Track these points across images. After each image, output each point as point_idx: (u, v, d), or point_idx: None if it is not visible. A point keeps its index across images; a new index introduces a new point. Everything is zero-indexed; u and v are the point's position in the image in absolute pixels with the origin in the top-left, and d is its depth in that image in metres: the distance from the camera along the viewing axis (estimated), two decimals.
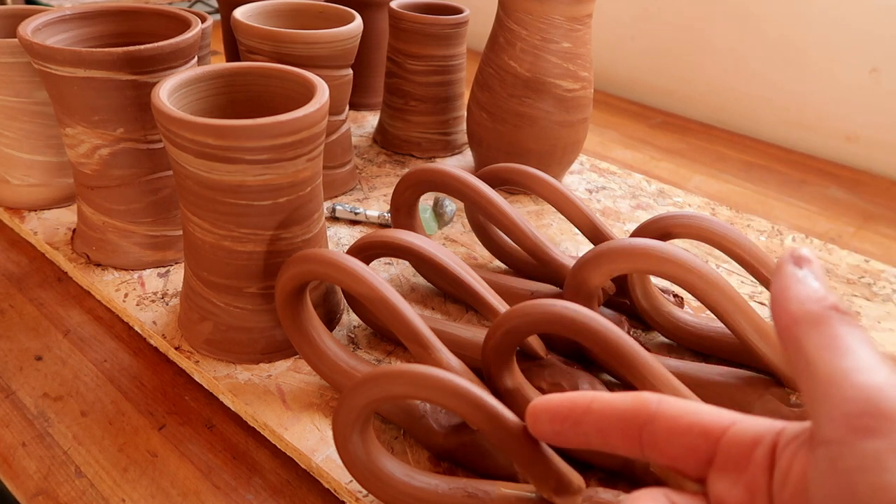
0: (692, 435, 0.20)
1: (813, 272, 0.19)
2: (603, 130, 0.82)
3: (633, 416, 0.21)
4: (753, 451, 0.19)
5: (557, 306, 0.31)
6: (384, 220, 0.55)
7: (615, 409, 0.21)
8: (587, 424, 0.22)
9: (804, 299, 0.18)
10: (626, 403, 0.21)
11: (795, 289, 0.19)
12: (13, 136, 0.50)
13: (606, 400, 0.21)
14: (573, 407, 0.22)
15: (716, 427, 0.20)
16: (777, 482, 0.18)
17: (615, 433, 0.21)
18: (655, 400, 0.21)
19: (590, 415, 0.21)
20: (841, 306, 0.18)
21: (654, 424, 0.20)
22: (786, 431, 0.19)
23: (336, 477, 0.33)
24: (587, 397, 0.22)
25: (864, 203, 0.69)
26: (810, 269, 0.19)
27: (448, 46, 0.63)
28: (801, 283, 0.19)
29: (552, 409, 0.22)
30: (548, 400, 0.23)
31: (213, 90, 0.39)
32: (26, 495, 0.33)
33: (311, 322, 0.38)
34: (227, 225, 0.36)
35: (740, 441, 0.19)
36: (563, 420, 0.22)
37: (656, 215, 0.41)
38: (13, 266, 0.50)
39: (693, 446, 0.20)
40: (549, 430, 0.23)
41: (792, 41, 0.80)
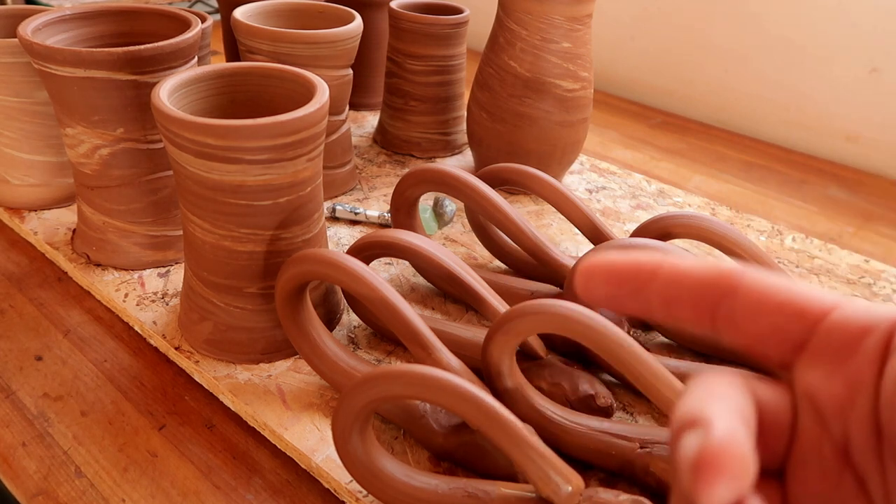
0: (783, 314, 0.17)
1: None
2: (603, 130, 0.82)
3: (711, 285, 0.18)
4: (862, 340, 0.16)
5: (557, 306, 0.31)
6: (384, 220, 0.55)
7: (690, 275, 0.18)
8: (652, 291, 0.18)
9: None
10: (704, 270, 0.18)
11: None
12: (13, 136, 0.50)
13: (678, 265, 0.18)
14: (637, 269, 0.19)
15: (815, 308, 0.17)
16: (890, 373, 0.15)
17: (685, 303, 0.18)
18: (740, 270, 0.18)
19: (656, 280, 0.18)
20: None
21: (735, 297, 0.17)
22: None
23: (336, 477, 0.33)
24: (654, 259, 0.19)
25: (864, 203, 0.69)
26: None
27: (448, 46, 0.63)
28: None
29: (611, 268, 0.19)
30: (606, 259, 0.19)
31: (213, 90, 0.39)
32: (26, 495, 0.33)
33: (311, 322, 0.38)
34: (227, 225, 0.36)
35: (846, 327, 0.16)
36: (623, 282, 0.19)
37: (656, 215, 0.41)
38: (13, 266, 0.50)
39: (782, 326, 0.17)
40: (603, 292, 0.19)
41: (792, 41, 0.80)
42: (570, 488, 0.28)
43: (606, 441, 0.33)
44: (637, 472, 0.33)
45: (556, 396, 0.36)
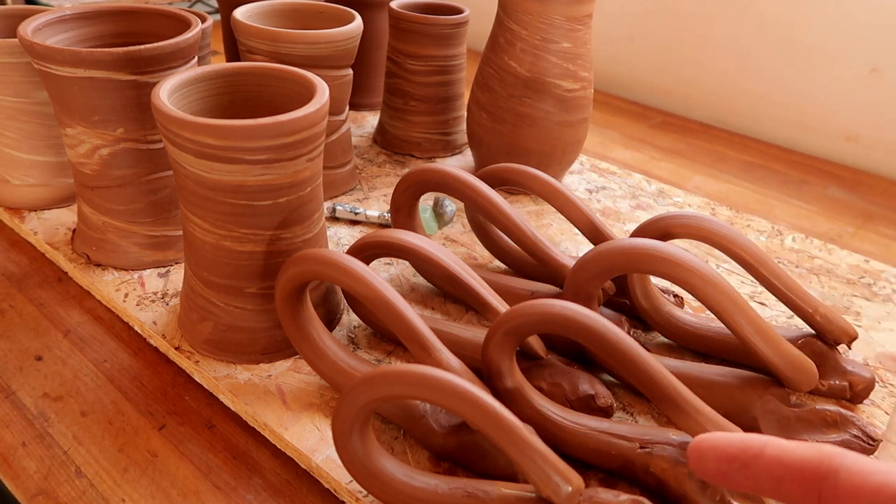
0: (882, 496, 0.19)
1: None
2: (603, 130, 0.82)
3: (813, 466, 0.20)
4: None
5: (557, 306, 0.31)
6: (384, 220, 0.55)
7: (793, 456, 0.20)
8: (759, 469, 0.21)
9: None
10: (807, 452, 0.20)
11: None
12: (13, 136, 0.50)
13: (782, 446, 0.21)
14: (744, 448, 0.21)
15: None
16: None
17: (791, 482, 0.20)
18: (840, 452, 0.20)
19: (762, 459, 0.21)
20: None
21: (837, 479, 0.19)
22: None
23: (336, 477, 0.33)
24: (760, 440, 0.21)
25: (864, 203, 0.69)
26: None
27: (448, 46, 0.63)
28: None
29: (720, 448, 0.22)
30: (715, 438, 0.22)
31: (213, 90, 0.39)
32: (26, 495, 0.34)
33: (311, 322, 0.38)
34: (227, 225, 0.36)
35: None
36: (732, 461, 0.21)
37: (656, 215, 0.41)
38: (13, 266, 0.50)
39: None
40: (714, 469, 0.22)
41: (792, 41, 0.80)
42: (570, 488, 0.28)
43: (606, 441, 0.33)
44: (637, 472, 0.33)
45: (556, 396, 0.36)
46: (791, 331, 0.41)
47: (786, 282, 0.39)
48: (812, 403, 0.36)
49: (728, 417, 0.35)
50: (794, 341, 0.40)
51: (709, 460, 0.22)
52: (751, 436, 0.22)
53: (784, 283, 0.39)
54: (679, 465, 0.31)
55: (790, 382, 0.36)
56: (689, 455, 0.22)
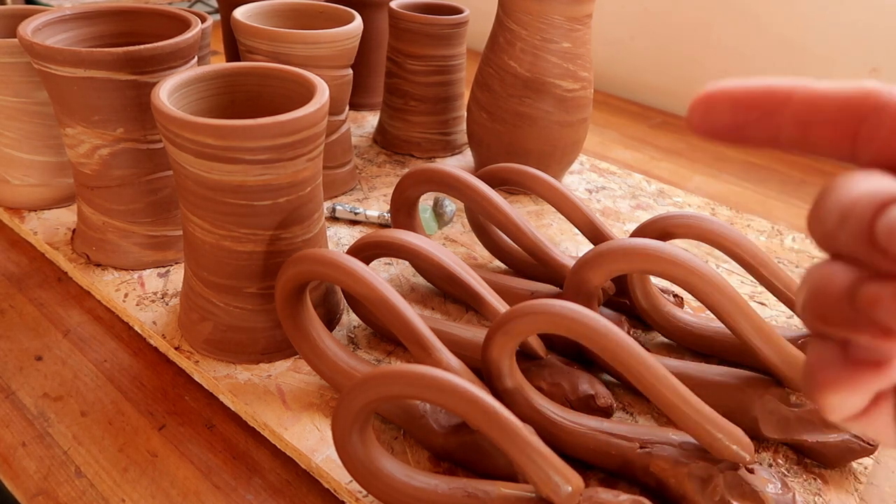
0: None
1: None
2: (603, 130, 0.82)
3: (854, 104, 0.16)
4: None
5: (557, 306, 0.31)
6: (384, 220, 0.55)
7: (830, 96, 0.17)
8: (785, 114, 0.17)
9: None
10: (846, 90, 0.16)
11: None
12: (13, 136, 0.50)
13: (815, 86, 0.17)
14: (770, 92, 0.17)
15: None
16: None
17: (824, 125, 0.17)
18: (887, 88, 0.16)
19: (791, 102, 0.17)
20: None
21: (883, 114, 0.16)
22: None
23: (336, 477, 0.33)
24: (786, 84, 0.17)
25: None
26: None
27: (448, 46, 0.63)
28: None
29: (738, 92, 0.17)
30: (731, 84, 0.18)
31: (213, 90, 0.39)
32: (26, 495, 0.33)
33: (311, 322, 0.38)
34: (227, 225, 0.36)
35: None
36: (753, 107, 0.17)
37: (656, 215, 0.41)
38: (13, 266, 0.50)
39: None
40: (728, 120, 0.18)
41: (792, 41, 0.80)
42: (570, 488, 0.28)
43: (606, 441, 0.33)
44: (637, 472, 0.33)
45: (556, 396, 0.36)
46: (791, 331, 0.41)
47: (786, 282, 0.39)
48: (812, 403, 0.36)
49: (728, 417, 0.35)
50: (794, 341, 0.40)
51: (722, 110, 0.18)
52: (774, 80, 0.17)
53: (784, 283, 0.39)
54: (679, 465, 0.31)
55: (790, 382, 0.36)
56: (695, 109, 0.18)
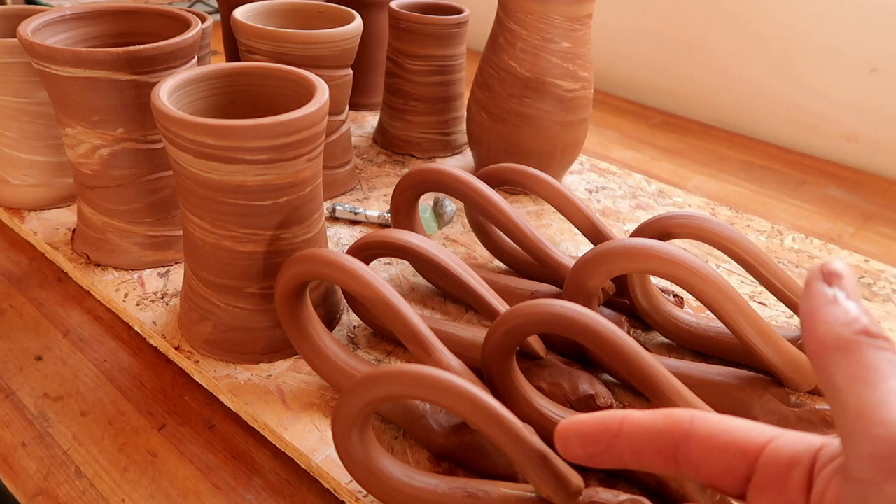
0: (729, 454, 0.19)
1: (844, 289, 0.18)
2: (603, 130, 0.82)
3: (666, 435, 0.20)
4: (791, 472, 0.19)
5: (557, 306, 0.31)
6: (384, 220, 0.55)
7: (648, 428, 0.20)
8: (620, 446, 0.21)
9: (833, 322, 0.17)
10: (659, 423, 0.20)
11: (824, 310, 0.18)
12: (13, 136, 0.50)
13: (638, 419, 0.21)
14: (604, 429, 0.21)
15: (753, 445, 0.19)
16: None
17: (650, 454, 0.20)
18: (688, 418, 0.20)
19: (622, 436, 0.21)
20: (873, 329, 0.17)
21: (689, 444, 0.20)
22: (823, 452, 0.19)
23: (336, 477, 0.33)
24: (617, 417, 0.21)
25: (864, 203, 0.69)
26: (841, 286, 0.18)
27: (448, 46, 0.63)
28: (830, 304, 0.18)
29: (582, 432, 0.21)
30: (577, 422, 0.22)
31: (213, 90, 0.39)
32: (26, 495, 0.34)
33: (311, 322, 0.38)
34: (227, 225, 0.36)
35: (777, 461, 0.19)
36: (595, 443, 0.21)
37: (656, 215, 0.41)
38: (13, 266, 0.50)
39: (731, 465, 0.19)
40: (580, 453, 0.22)
41: (792, 41, 0.80)
42: (570, 488, 0.28)
43: None
44: (637, 473, 0.33)
45: (556, 396, 0.36)
46: (791, 331, 0.41)
47: (786, 282, 0.39)
48: (812, 403, 0.36)
49: None
50: (794, 341, 0.40)
51: (574, 446, 0.22)
52: (608, 414, 0.21)
53: (784, 283, 0.39)
54: None
55: (790, 382, 0.36)
56: (556, 443, 0.22)
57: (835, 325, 0.17)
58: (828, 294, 0.18)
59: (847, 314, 0.17)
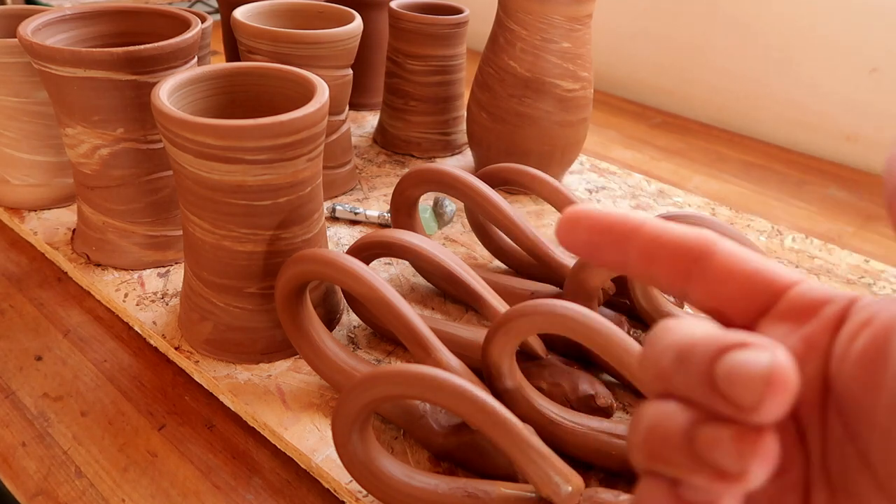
0: (754, 281, 0.18)
1: None
2: (603, 130, 0.82)
3: (690, 246, 0.18)
4: (821, 308, 0.17)
5: (557, 306, 0.31)
6: (384, 220, 0.55)
7: (671, 234, 0.19)
8: (632, 244, 0.19)
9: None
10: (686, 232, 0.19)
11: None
12: (13, 136, 0.50)
13: (662, 224, 0.19)
14: (623, 221, 0.19)
15: (782, 280, 0.18)
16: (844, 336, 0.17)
17: (664, 261, 0.19)
18: (719, 238, 0.19)
19: (639, 235, 0.19)
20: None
21: (711, 260, 0.18)
22: (863, 299, 0.17)
23: (336, 477, 0.33)
24: (640, 217, 0.19)
25: (864, 203, 0.69)
26: None
27: (448, 46, 0.63)
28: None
29: (596, 217, 0.19)
30: (592, 209, 0.20)
31: (213, 90, 0.39)
32: (26, 495, 0.33)
33: (311, 322, 0.38)
34: (227, 225, 0.36)
35: (808, 297, 0.18)
36: (606, 231, 0.19)
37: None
38: (13, 266, 0.50)
39: (751, 293, 0.18)
40: (585, 239, 0.20)
41: (792, 41, 0.80)
42: (570, 488, 0.28)
43: (606, 441, 0.33)
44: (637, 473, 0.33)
45: (556, 396, 0.36)
46: None
47: None
48: None
49: None
50: None
51: (580, 230, 0.20)
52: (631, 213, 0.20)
53: None
54: None
55: None
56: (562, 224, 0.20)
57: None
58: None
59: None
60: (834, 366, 0.17)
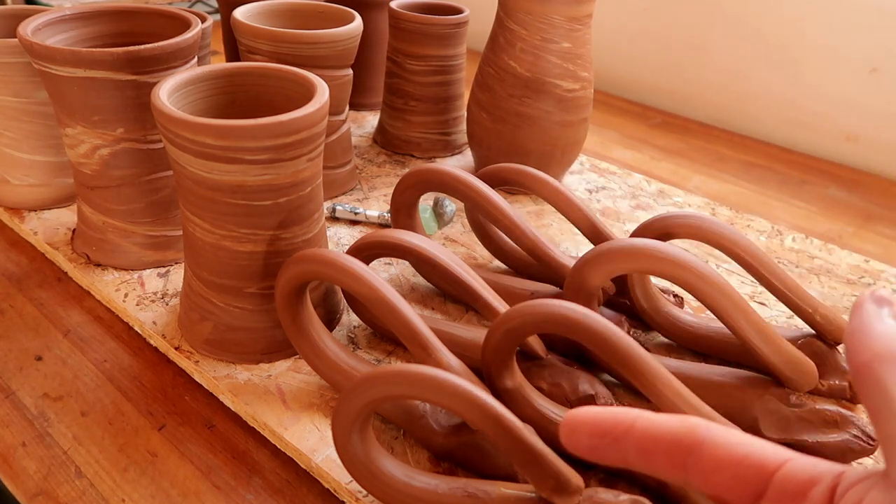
0: (744, 466, 0.19)
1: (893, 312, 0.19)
2: (603, 130, 0.82)
3: (680, 439, 0.20)
4: (810, 489, 0.19)
5: (557, 306, 0.31)
6: (384, 220, 0.55)
7: (661, 430, 0.20)
8: (629, 443, 0.21)
9: (888, 337, 0.18)
10: (674, 426, 0.20)
11: (879, 327, 0.19)
12: (13, 136, 0.50)
13: (652, 420, 0.21)
14: (616, 423, 0.21)
15: (771, 462, 0.19)
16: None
17: (659, 456, 0.20)
18: (705, 425, 0.20)
19: (633, 433, 0.21)
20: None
21: (702, 451, 0.20)
22: (847, 474, 0.19)
23: (336, 477, 0.33)
24: (631, 414, 0.21)
25: (864, 203, 0.69)
26: (891, 309, 0.19)
27: (448, 46, 0.63)
28: (883, 322, 0.19)
29: (592, 422, 0.21)
30: (588, 412, 0.21)
31: (213, 90, 0.39)
32: (26, 495, 0.34)
33: (311, 322, 0.38)
34: (227, 225, 0.36)
35: (797, 478, 0.19)
36: (604, 435, 0.21)
37: (656, 215, 0.41)
38: (13, 266, 0.50)
39: (743, 478, 0.19)
40: (586, 444, 0.21)
41: (792, 41, 0.80)
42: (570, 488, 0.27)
43: None
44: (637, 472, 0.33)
45: (556, 396, 0.36)
46: (791, 331, 0.41)
47: (785, 282, 0.39)
48: (812, 403, 0.36)
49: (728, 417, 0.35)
50: (794, 341, 0.40)
51: (581, 435, 0.21)
52: (622, 410, 0.21)
53: (784, 283, 0.39)
54: None
55: (790, 382, 0.36)
56: (562, 430, 0.22)
57: (890, 339, 0.18)
58: (881, 313, 0.19)
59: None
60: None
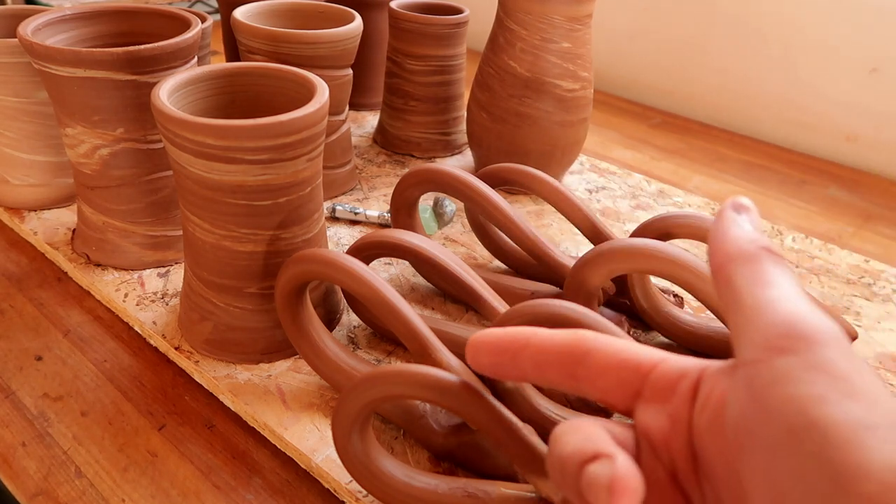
0: (624, 369, 0.21)
1: (751, 219, 0.21)
2: (603, 130, 0.82)
3: (569, 351, 0.21)
4: (678, 384, 0.20)
5: (557, 306, 0.31)
6: (384, 220, 0.55)
7: (553, 344, 0.22)
8: (525, 358, 0.22)
9: (740, 239, 0.20)
10: (564, 339, 0.22)
11: (733, 231, 0.20)
12: (13, 136, 0.50)
13: (545, 335, 0.22)
14: (513, 341, 0.23)
15: (646, 363, 0.21)
16: (697, 408, 0.19)
17: (552, 367, 0.22)
18: (592, 336, 0.22)
19: (528, 349, 0.22)
20: (773, 248, 0.20)
21: (588, 359, 0.21)
22: (710, 366, 0.20)
23: (336, 477, 0.33)
24: (527, 332, 0.23)
25: (864, 203, 0.69)
26: (748, 215, 0.21)
27: (448, 46, 0.63)
28: (738, 226, 0.20)
29: (492, 342, 0.23)
30: (488, 333, 0.23)
31: (213, 90, 0.39)
32: (26, 495, 0.34)
33: (311, 322, 0.38)
34: (227, 225, 0.36)
35: (667, 375, 0.21)
36: (502, 353, 0.23)
37: (656, 215, 0.41)
38: (13, 266, 0.50)
39: (624, 380, 0.21)
40: (487, 362, 0.23)
41: (792, 41, 0.80)
42: None
43: None
44: None
45: (556, 396, 0.36)
46: None
47: None
48: None
49: None
50: None
51: (483, 354, 0.23)
52: (520, 329, 0.23)
53: None
54: None
55: None
56: (467, 352, 0.23)
57: (741, 241, 0.20)
58: (737, 219, 0.21)
59: (752, 233, 0.20)
60: (695, 438, 0.19)
